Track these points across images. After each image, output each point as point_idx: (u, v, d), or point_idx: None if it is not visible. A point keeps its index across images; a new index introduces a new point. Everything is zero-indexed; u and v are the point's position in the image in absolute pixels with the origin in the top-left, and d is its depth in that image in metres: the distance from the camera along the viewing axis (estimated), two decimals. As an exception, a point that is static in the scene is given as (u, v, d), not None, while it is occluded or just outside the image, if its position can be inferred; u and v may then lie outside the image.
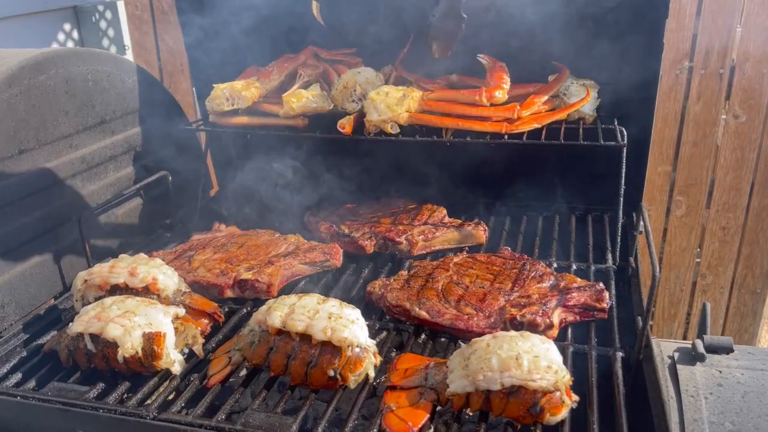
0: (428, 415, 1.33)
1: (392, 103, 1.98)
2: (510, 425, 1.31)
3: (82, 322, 1.51)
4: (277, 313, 1.47)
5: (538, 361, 1.28)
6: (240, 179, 2.37)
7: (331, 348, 1.41)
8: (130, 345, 1.44)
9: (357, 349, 1.42)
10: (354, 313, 1.47)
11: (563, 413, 1.28)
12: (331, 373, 1.40)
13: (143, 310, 1.52)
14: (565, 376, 1.29)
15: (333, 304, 1.48)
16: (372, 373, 1.45)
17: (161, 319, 1.51)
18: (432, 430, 1.40)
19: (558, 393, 1.27)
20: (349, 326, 1.42)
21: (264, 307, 1.53)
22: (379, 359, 1.49)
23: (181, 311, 1.58)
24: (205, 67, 2.37)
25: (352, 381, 1.42)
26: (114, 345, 1.46)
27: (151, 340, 1.46)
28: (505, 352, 1.29)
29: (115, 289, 1.70)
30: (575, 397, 1.31)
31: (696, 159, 3.35)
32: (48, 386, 1.48)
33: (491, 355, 1.30)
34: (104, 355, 1.49)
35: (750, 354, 1.61)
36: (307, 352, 1.43)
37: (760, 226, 3.39)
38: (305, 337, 1.44)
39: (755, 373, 1.54)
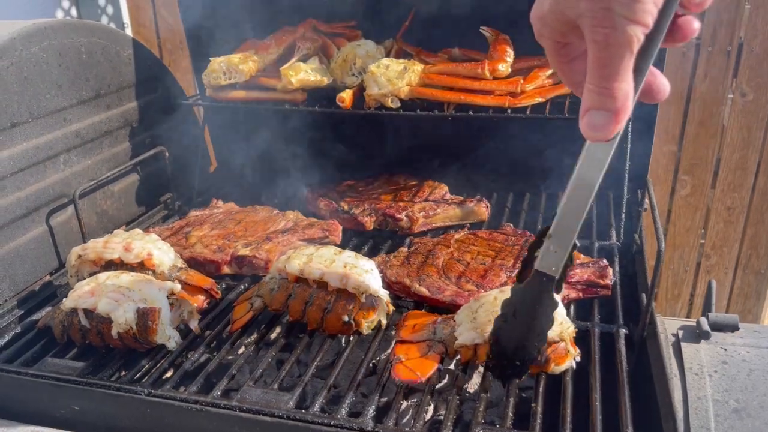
0: (437, 366, 1.36)
1: (393, 77, 1.94)
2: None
3: (76, 297, 1.49)
4: (296, 261, 1.53)
5: (544, 312, 1.29)
6: (238, 155, 2.33)
7: (347, 295, 1.49)
8: (124, 320, 1.42)
9: (371, 297, 1.48)
10: (369, 264, 1.53)
11: (568, 363, 1.32)
12: (346, 318, 1.46)
13: (138, 285, 1.50)
14: (570, 327, 1.33)
15: (349, 255, 1.55)
16: (384, 321, 1.52)
17: (156, 295, 1.48)
18: (441, 381, 1.43)
19: (563, 343, 1.31)
20: (363, 275, 1.48)
21: (284, 257, 1.59)
22: (391, 308, 1.54)
23: (177, 287, 1.55)
24: (205, 45, 2.32)
25: (365, 327, 1.49)
26: (108, 320, 1.44)
27: (146, 315, 1.43)
28: (512, 304, 1.30)
29: (110, 265, 1.67)
30: (578, 350, 1.34)
31: (702, 138, 3.30)
32: (42, 362, 1.45)
33: (499, 307, 1.29)
34: (99, 331, 1.47)
35: (756, 332, 1.58)
36: (324, 298, 1.50)
37: (766, 206, 3.34)
38: (322, 285, 1.51)
39: (761, 351, 1.51)
